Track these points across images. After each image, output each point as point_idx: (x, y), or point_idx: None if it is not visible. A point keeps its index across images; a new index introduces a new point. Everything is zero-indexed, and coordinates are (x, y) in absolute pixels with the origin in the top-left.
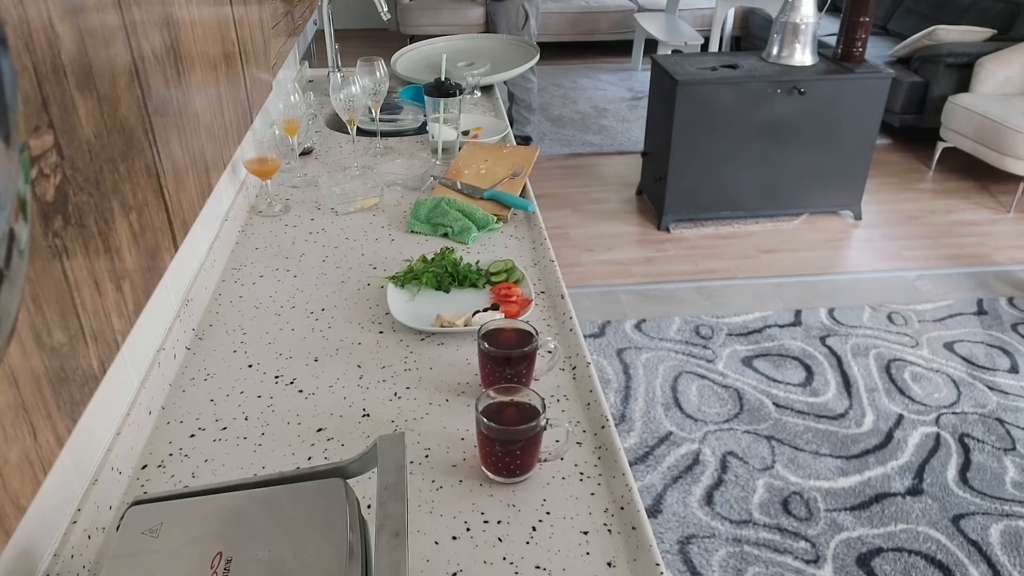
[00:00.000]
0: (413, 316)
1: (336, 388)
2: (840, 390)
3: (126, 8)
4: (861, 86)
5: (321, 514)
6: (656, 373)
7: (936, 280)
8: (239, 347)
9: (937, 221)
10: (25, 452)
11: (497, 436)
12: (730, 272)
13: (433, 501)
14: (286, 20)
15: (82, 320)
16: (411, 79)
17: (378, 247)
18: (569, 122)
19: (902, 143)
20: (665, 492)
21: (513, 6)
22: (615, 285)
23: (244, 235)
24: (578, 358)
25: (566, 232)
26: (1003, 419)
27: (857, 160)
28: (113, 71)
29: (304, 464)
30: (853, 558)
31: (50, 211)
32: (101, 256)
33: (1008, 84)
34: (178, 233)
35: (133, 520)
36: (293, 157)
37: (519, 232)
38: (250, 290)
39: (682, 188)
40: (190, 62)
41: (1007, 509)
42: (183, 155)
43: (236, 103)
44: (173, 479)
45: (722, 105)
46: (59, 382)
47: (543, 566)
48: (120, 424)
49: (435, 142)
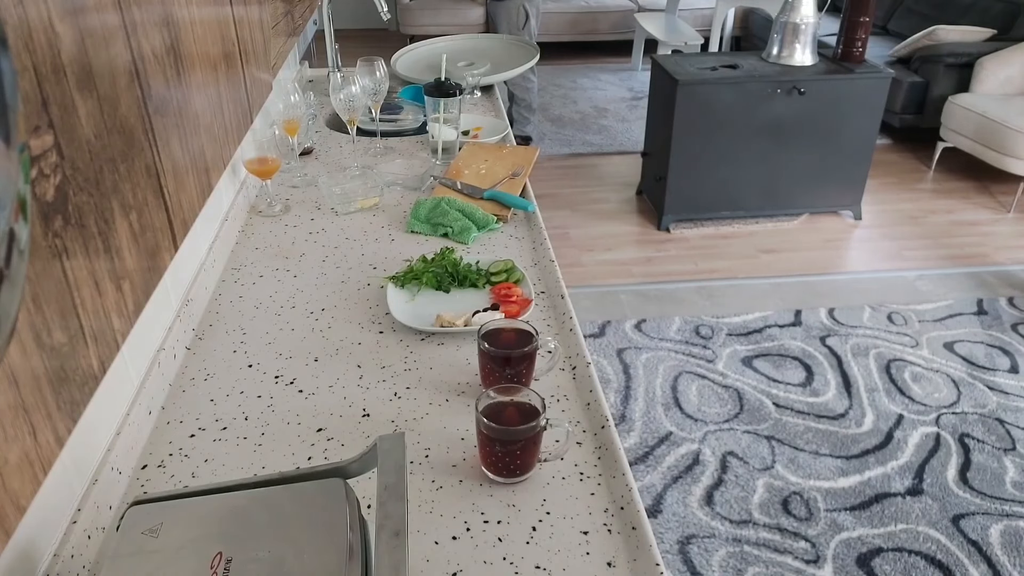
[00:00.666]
0: (413, 316)
1: (336, 388)
2: (840, 390)
3: (126, 8)
4: (861, 86)
5: (321, 514)
6: (656, 373)
7: (936, 280)
8: (239, 347)
9: (937, 221)
10: (25, 452)
11: (497, 436)
12: (730, 272)
13: (433, 501)
14: (286, 20)
15: (82, 320)
16: (411, 79)
17: (378, 247)
18: (569, 122)
19: (902, 143)
20: (665, 492)
21: (514, 6)
22: (615, 285)
23: (244, 235)
24: (578, 358)
25: (566, 232)
26: (1003, 419)
27: (857, 160)
28: (113, 71)
29: (304, 464)
30: (853, 558)
31: (50, 211)
32: (101, 256)
33: (1008, 84)
34: (178, 233)
35: (133, 520)
36: (293, 157)
37: (519, 232)
38: (250, 290)
39: (682, 188)
40: (190, 62)
41: (1007, 509)
42: (183, 155)
43: (236, 103)
44: (173, 479)
45: (722, 105)
46: (59, 382)
47: (543, 566)
48: (120, 424)
49: (435, 142)
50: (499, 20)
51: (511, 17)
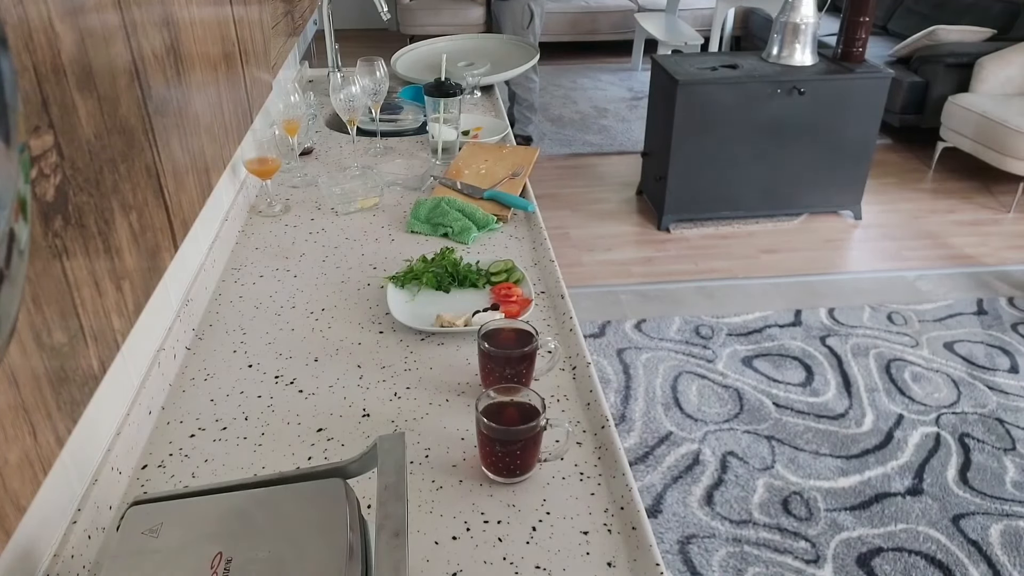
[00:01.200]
0: (413, 316)
1: (336, 388)
2: (840, 390)
3: (126, 8)
4: (861, 86)
5: (321, 514)
6: (656, 373)
7: (936, 280)
8: (239, 347)
9: (937, 221)
10: (25, 452)
11: (497, 436)
12: (730, 272)
13: (433, 501)
14: (286, 20)
15: (82, 320)
16: (411, 79)
17: (378, 247)
18: (569, 122)
19: (902, 143)
20: (665, 492)
21: (519, 5)
22: (615, 285)
23: (244, 235)
24: (578, 358)
25: (566, 232)
26: (1003, 419)
27: (857, 160)
28: (113, 71)
29: (304, 464)
30: (853, 558)
31: (50, 211)
32: (101, 256)
33: (1008, 84)
34: (178, 233)
35: (133, 520)
36: (293, 157)
37: (519, 232)
38: (250, 290)
39: (682, 188)
40: (190, 62)
41: (1007, 509)
42: (183, 155)
43: (236, 103)
44: (173, 479)
45: (722, 105)
46: (59, 382)
47: (543, 566)
48: (120, 424)
49: (435, 142)
50: (503, 19)
51: (516, 16)
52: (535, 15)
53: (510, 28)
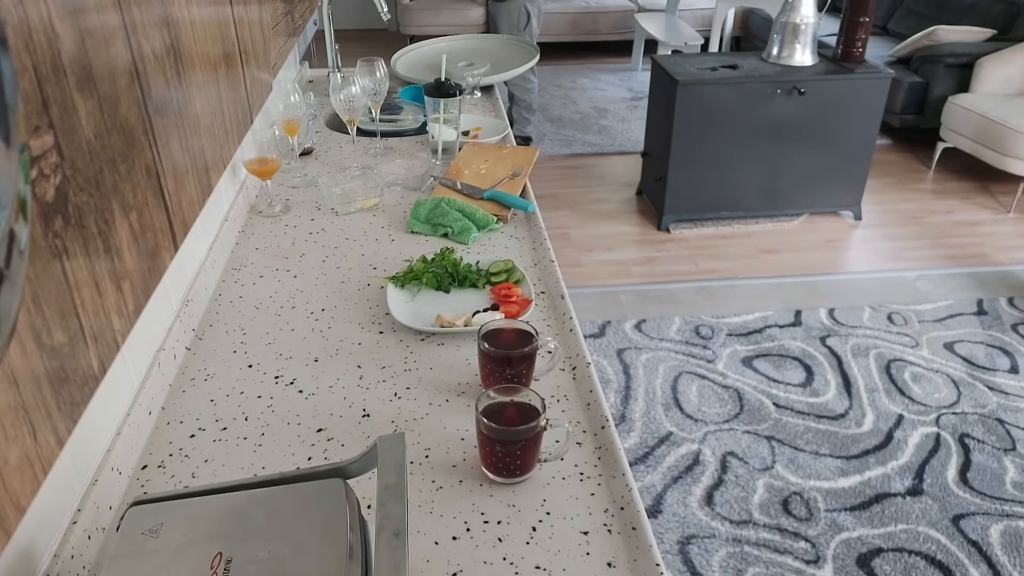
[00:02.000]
0: (413, 316)
1: (336, 388)
2: (840, 390)
3: (126, 8)
4: (861, 86)
5: (321, 514)
6: (656, 373)
7: (936, 280)
8: (239, 347)
9: (937, 221)
10: (25, 452)
11: (497, 436)
12: (730, 272)
13: (433, 501)
14: (286, 20)
15: (82, 320)
16: (411, 79)
17: (378, 247)
18: (569, 122)
19: (902, 143)
20: (665, 492)
21: (515, 6)
22: (615, 285)
23: (244, 235)
24: (578, 358)
25: (566, 232)
26: (1003, 419)
27: (857, 160)
28: (113, 71)
29: (304, 464)
30: (853, 558)
31: (50, 211)
32: (101, 256)
33: (1008, 84)
34: (178, 233)
35: (133, 520)
36: (293, 157)
37: (519, 232)
38: (250, 290)
39: (682, 188)
40: (190, 62)
41: (1007, 509)
42: (183, 155)
43: (236, 103)
44: (173, 479)
45: (722, 105)
46: (59, 382)
47: (543, 566)
48: (120, 424)
49: (435, 142)
50: (500, 21)
51: (512, 18)
52: (532, 17)
53: (507, 29)
